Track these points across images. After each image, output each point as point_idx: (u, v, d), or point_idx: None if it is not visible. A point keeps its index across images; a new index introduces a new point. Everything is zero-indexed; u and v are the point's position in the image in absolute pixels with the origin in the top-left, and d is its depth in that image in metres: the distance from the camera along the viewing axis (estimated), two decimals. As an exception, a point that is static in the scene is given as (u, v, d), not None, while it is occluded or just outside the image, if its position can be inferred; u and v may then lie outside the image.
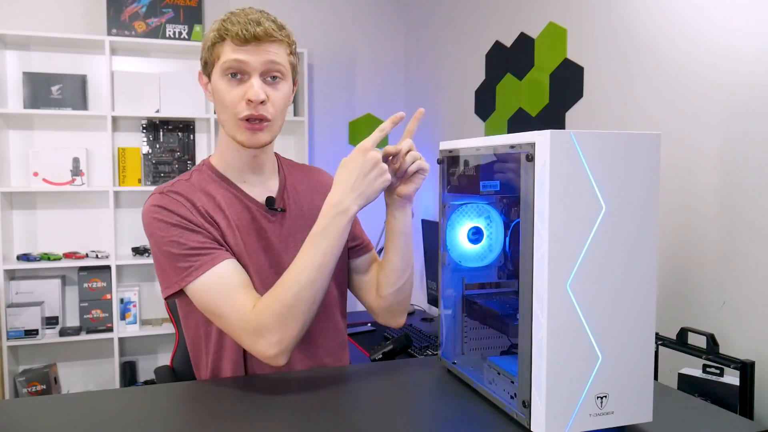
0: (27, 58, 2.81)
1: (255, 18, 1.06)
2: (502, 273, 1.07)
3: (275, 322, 0.99)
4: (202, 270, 1.03)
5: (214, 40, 1.09)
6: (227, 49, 1.07)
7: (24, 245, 2.86)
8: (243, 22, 1.05)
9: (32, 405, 0.94)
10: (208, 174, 1.17)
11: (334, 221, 1.02)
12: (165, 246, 1.05)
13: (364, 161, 1.02)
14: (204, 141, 3.05)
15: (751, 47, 1.34)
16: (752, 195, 1.33)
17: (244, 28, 1.04)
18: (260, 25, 1.05)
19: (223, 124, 1.12)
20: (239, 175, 1.17)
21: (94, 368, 2.97)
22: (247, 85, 1.07)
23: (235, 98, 1.07)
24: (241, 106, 1.07)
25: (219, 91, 1.09)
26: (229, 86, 1.08)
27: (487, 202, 1.04)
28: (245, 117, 1.07)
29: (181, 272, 1.04)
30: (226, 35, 1.06)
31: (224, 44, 1.07)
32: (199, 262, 1.03)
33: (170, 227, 1.06)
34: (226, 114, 1.10)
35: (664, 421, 0.86)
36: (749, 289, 1.34)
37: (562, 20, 1.99)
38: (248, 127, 1.09)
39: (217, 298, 1.02)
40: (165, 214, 1.07)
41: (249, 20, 1.05)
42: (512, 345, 1.03)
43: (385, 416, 0.89)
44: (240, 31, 1.04)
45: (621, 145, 0.79)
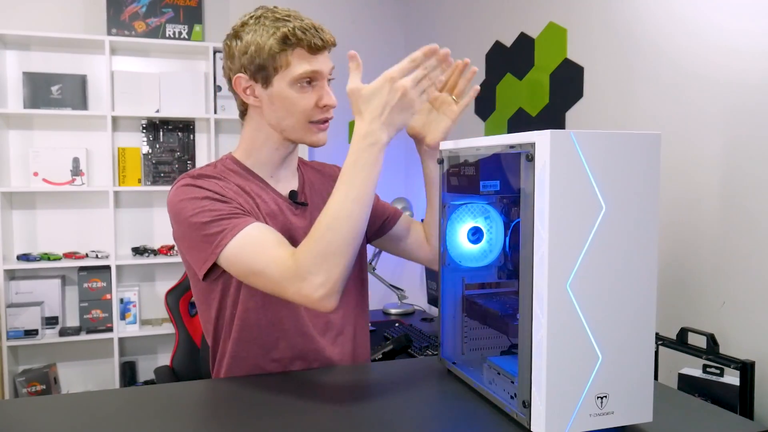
0: (27, 58, 2.81)
1: (313, 23, 1.12)
2: (502, 273, 1.07)
3: (316, 262, 0.96)
4: (236, 230, 1.02)
5: (279, 48, 1.09)
6: (297, 57, 1.10)
7: (24, 245, 2.86)
8: (310, 29, 1.10)
9: (32, 405, 0.94)
10: (233, 167, 1.19)
11: (365, 153, 0.99)
12: (195, 218, 1.05)
13: (392, 90, 0.97)
14: (204, 141, 3.05)
15: (751, 46, 1.34)
16: (753, 195, 1.33)
17: (317, 37, 1.10)
18: (324, 33, 1.12)
19: (288, 128, 1.15)
20: (268, 170, 1.20)
21: (93, 368, 2.97)
22: (320, 91, 1.13)
23: (309, 104, 1.12)
24: (315, 111, 1.13)
25: (289, 98, 1.12)
26: (302, 93, 1.12)
27: (487, 202, 1.04)
28: (320, 120, 1.13)
29: (214, 238, 1.03)
30: (295, 43, 1.09)
31: (293, 52, 1.10)
32: (232, 224, 1.03)
33: (199, 200, 1.06)
34: (295, 119, 1.13)
35: (664, 421, 0.86)
36: (749, 289, 1.34)
37: (562, 20, 1.99)
38: (319, 128, 1.14)
39: (254, 254, 1.01)
40: (194, 191, 1.08)
41: (313, 27, 1.11)
42: (512, 345, 1.03)
43: (385, 416, 0.89)
44: (313, 41, 1.09)
45: (621, 145, 0.79)
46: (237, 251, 1.02)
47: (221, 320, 1.17)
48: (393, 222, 1.37)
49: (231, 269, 1.05)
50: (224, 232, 1.03)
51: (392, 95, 0.97)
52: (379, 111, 0.98)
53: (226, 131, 3.11)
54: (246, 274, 1.04)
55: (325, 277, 0.96)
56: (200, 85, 2.96)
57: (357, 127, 1.01)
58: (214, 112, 2.94)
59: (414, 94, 0.98)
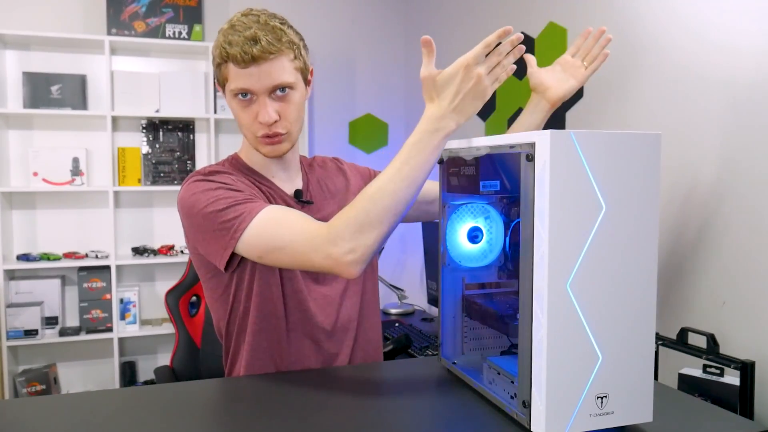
0: (27, 58, 2.81)
1: (251, 35, 1.04)
2: (502, 273, 1.07)
3: (350, 228, 0.95)
4: (254, 212, 1.02)
5: (218, 60, 1.10)
6: (231, 72, 1.08)
7: (24, 245, 2.85)
8: (241, 43, 1.04)
9: (32, 405, 0.94)
10: (239, 166, 1.21)
11: (430, 137, 0.97)
12: (209, 207, 1.04)
13: (466, 78, 0.96)
14: (204, 141, 3.05)
15: (751, 46, 1.33)
16: (753, 195, 1.33)
17: (242, 50, 1.04)
18: (257, 43, 1.04)
19: (245, 136, 1.17)
20: (269, 170, 1.21)
21: (93, 368, 2.97)
22: (258, 105, 1.09)
23: (248, 119, 1.11)
24: (255, 125, 1.11)
25: (233, 109, 1.13)
26: (241, 106, 1.11)
27: (487, 202, 1.04)
28: (262, 135, 1.11)
29: (232, 224, 1.02)
30: (227, 57, 1.07)
31: (228, 66, 1.08)
32: (248, 208, 1.03)
33: (213, 191, 1.07)
34: (244, 130, 1.14)
35: (664, 421, 0.86)
36: (749, 289, 1.34)
37: (562, 20, 1.99)
38: (267, 142, 1.12)
39: (278, 230, 1.00)
40: (207, 185, 1.08)
41: (246, 39, 1.04)
42: (512, 345, 1.03)
43: (385, 416, 0.89)
44: (239, 54, 1.04)
45: (621, 145, 0.79)
46: (258, 231, 1.01)
47: (234, 315, 1.17)
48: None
49: (250, 251, 1.03)
50: (242, 216, 1.02)
51: (466, 83, 0.96)
52: (452, 98, 0.97)
53: (226, 131, 3.11)
54: (266, 251, 1.02)
55: (354, 245, 0.94)
56: (200, 85, 2.96)
57: (428, 111, 0.99)
58: (213, 112, 2.94)
59: (488, 81, 0.97)
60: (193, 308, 1.75)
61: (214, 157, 2.96)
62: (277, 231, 1.01)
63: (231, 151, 2.85)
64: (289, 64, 1.09)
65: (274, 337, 1.15)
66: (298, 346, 1.16)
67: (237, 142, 3.11)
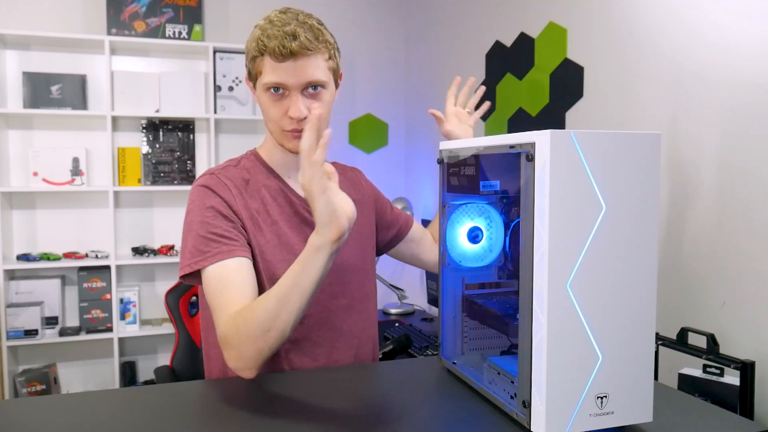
0: (27, 58, 2.81)
1: (291, 30, 1.06)
2: (502, 273, 1.07)
3: (233, 340, 0.99)
4: (215, 259, 1.05)
5: (254, 54, 1.10)
6: (267, 65, 1.09)
7: (24, 245, 2.86)
8: (280, 36, 1.05)
9: (32, 405, 0.94)
10: (257, 163, 1.22)
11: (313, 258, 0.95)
12: (195, 224, 1.10)
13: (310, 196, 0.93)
14: (204, 141, 3.05)
15: (751, 46, 1.33)
16: (753, 195, 1.33)
17: (281, 44, 1.05)
18: (296, 39, 1.05)
19: (271, 131, 1.17)
20: (286, 171, 1.22)
21: (93, 368, 2.97)
22: (289, 101, 1.10)
23: (278, 113, 1.12)
24: (285, 120, 1.11)
25: (263, 103, 1.13)
26: (272, 101, 1.11)
27: (487, 202, 1.04)
28: (291, 129, 1.12)
29: (198, 255, 1.07)
30: (264, 51, 1.08)
31: (264, 59, 1.09)
32: (217, 249, 1.06)
33: (206, 209, 1.10)
34: (271, 125, 1.15)
35: (664, 421, 0.86)
36: (749, 289, 1.34)
37: (562, 20, 1.99)
38: (295, 136, 1.12)
39: (215, 291, 1.05)
40: (208, 195, 1.12)
41: (285, 34, 1.05)
42: (512, 345, 1.03)
43: (385, 416, 0.89)
44: (277, 48, 1.05)
45: (621, 145, 0.79)
46: (207, 279, 1.06)
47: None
48: (404, 232, 1.40)
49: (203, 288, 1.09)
50: (208, 254, 1.06)
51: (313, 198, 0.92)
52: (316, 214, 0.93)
53: (226, 131, 3.11)
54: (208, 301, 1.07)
55: (237, 353, 0.99)
56: (200, 85, 2.96)
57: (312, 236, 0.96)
58: (214, 111, 2.94)
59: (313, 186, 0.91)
60: (193, 308, 1.75)
61: (214, 157, 2.96)
62: (216, 289, 1.05)
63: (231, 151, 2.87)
64: (324, 63, 1.11)
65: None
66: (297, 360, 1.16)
67: (237, 142, 3.12)
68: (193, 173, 3.01)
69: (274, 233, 1.15)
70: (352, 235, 1.25)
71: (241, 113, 3.00)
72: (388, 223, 1.38)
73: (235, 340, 0.99)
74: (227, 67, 2.96)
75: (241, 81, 2.98)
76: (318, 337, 1.18)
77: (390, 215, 1.39)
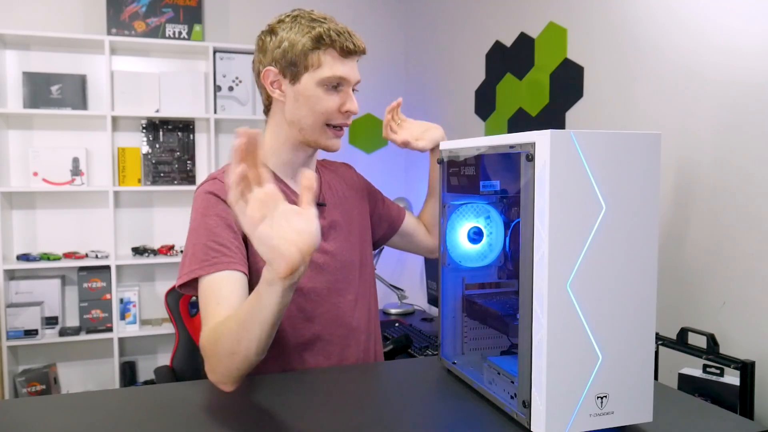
0: (27, 58, 2.81)
1: (345, 28, 1.12)
2: (502, 273, 1.07)
3: (208, 351, 0.96)
4: (213, 269, 1.05)
5: (312, 46, 1.11)
6: (329, 59, 1.11)
7: (24, 245, 2.86)
8: (344, 34, 1.11)
9: (32, 405, 0.94)
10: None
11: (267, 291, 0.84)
12: (195, 232, 1.09)
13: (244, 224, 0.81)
14: (204, 141, 3.05)
15: (751, 46, 1.33)
16: (753, 194, 1.33)
17: (350, 41, 1.11)
18: (355, 39, 1.13)
19: (305, 127, 1.15)
20: (289, 172, 1.21)
21: (93, 368, 2.97)
22: (344, 96, 1.14)
23: (332, 106, 1.13)
24: (335, 114, 1.14)
25: (314, 96, 1.13)
26: (327, 94, 1.13)
27: (487, 202, 1.04)
28: (339, 124, 1.15)
29: (196, 263, 1.06)
30: (328, 44, 1.10)
31: (326, 53, 1.11)
32: (216, 259, 1.05)
33: (211, 216, 1.10)
34: (314, 118, 1.14)
35: (664, 421, 0.86)
36: (749, 289, 1.34)
37: (562, 20, 1.99)
38: (335, 133, 1.16)
39: (205, 301, 1.04)
40: (213, 201, 1.11)
41: (346, 31, 1.11)
42: (512, 345, 1.03)
43: (385, 416, 0.89)
44: (345, 45, 1.10)
45: (621, 145, 0.79)
46: (202, 288, 1.05)
47: None
48: (397, 225, 1.42)
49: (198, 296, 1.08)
50: (206, 263, 1.05)
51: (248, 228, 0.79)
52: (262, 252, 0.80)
53: (226, 131, 3.11)
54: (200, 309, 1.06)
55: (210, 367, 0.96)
56: (200, 85, 2.96)
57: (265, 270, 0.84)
58: (214, 112, 2.94)
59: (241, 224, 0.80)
60: (193, 308, 1.75)
61: (214, 157, 2.96)
62: (206, 300, 1.04)
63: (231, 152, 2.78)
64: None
65: (279, 349, 1.15)
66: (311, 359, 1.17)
67: (237, 142, 3.12)
68: (193, 173, 3.01)
69: None
70: (352, 230, 1.25)
71: (241, 113, 3.00)
72: (380, 216, 1.38)
73: (209, 352, 0.96)
74: (227, 67, 2.96)
75: (241, 81, 2.98)
76: (330, 335, 1.18)
77: (382, 209, 1.40)
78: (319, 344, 1.17)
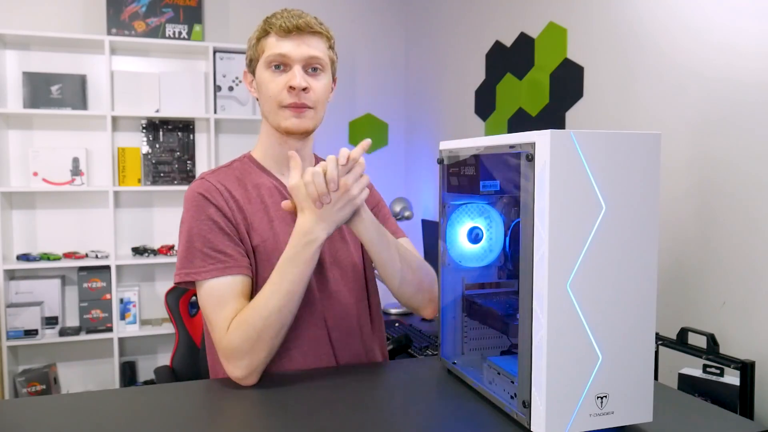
0: (27, 58, 2.81)
1: (297, 13, 1.14)
2: (502, 273, 1.07)
3: (243, 346, 1.01)
4: (212, 274, 1.07)
5: (258, 36, 1.16)
6: (271, 41, 1.14)
7: (24, 245, 2.85)
8: (286, 16, 1.13)
9: (32, 405, 0.94)
10: (250, 165, 1.23)
11: (303, 249, 1.02)
12: (192, 235, 1.10)
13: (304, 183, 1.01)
14: (204, 141, 3.05)
15: (751, 45, 1.34)
16: (753, 194, 1.33)
17: (287, 20, 1.12)
18: (302, 18, 1.13)
19: (267, 114, 1.18)
20: (279, 167, 1.22)
21: (93, 368, 2.97)
22: (290, 75, 1.13)
23: (277, 87, 1.14)
24: (284, 94, 1.14)
25: (263, 81, 1.16)
26: (273, 76, 1.14)
27: (487, 202, 1.04)
28: (288, 104, 1.14)
29: (192, 267, 1.09)
30: (270, 29, 1.13)
31: (268, 38, 1.14)
32: (212, 266, 1.08)
33: (202, 220, 1.11)
34: (269, 104, 1.16)
35: (664, 421, 0.86)
36: (749, 289, 1.34)
37: (562, 20, 1.99)
38: (291, 113, 1.14)
39: (210, 307, 1.07)
40: (202, 204, 1.12)
41: (291, 14, 1.13)
42: (512, 345, 1.03)
43: (386, 416, 0.89)
44: (283, 23, 1.11)
45: (621, 145, 0.79)
46: (204, 293, 1.08)
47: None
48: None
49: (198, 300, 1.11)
50: (202, 269, 1.07)
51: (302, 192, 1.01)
52: (321, 209, 1.01)
53: (226, 131, 3.11)
54: (203, 313, 1.10)
55: (249, 361, 1.02)
56: (200, 85, 2.96)
57: (298, 223, 1.03)
58: (213, 111, 2.94)
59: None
60: (193, 308, 1.75)
61: (214, 157, 2.96)
62: (211, 305, 1.07)
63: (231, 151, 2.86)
64: (325, 47, 1.17)
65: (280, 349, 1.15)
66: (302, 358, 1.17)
67: (237, 142, 3.12)
68: (193, 173, 3.01)
69: (270, 231, 1.15)
70: (348, 230, 1.25)
71: (241, 113, 3.00)
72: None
73: (245, 347, 1.01)
74: (227, 67, 2.96)
75: (241, 81, 2.98)
76: (332, 335, 1.18)
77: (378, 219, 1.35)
78: (319, 345, 1.17)
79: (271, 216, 1.16)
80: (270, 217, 1.16)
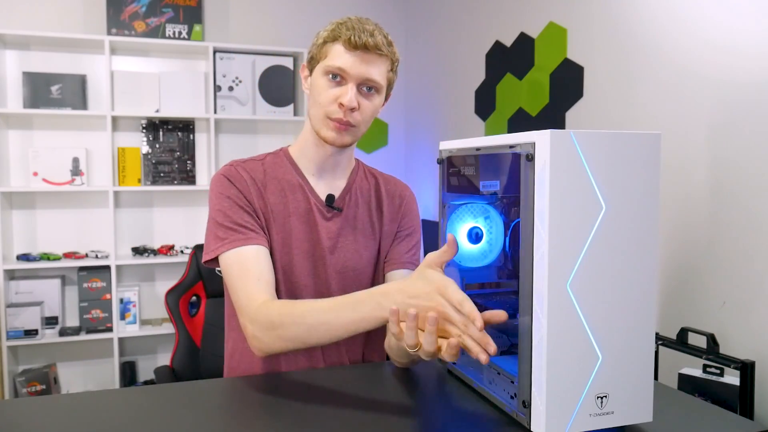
0: (27, 58, 2.81)
1: (370, 29, 1.11)
2: (502, 273, 1.06)
3: (266, 331, 1.02)
4: (233, 245, 1.10)
5: (326, 39, 1.14)
6: (335, 50, 1.12)
7: (24, 245, 2.86)
8: (358, 29, 1.10)
9: (32, 405, 0.94)
10: (282, 159, 1.24)
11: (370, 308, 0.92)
12: (214, 213, 1.15)
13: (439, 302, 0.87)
14: (204, 141, 3.05)
15: (751, 46, 1.34)
16: (753, 194, 1.33)
17: (357, 34, 1.09)
18: (372, 36, 1.10)
19: (312, 117, 1.18)
20: (311, 167, 1.23)
21: (93, 368, 2.97)
22: (343, 90, 1.12)
23: (329, 98, 1.13)
24: (333, 107, 1.13)
25: (317, 86, 1.15)
26: (327, 86, 1.13)
27: (487, 202, 1.04)
28: (335, 119, 1.13)
29: (217, 241, 1.12)
30: (339, 37, 1.11)
31: (334, 45, 1.12)
32: (234, 237, 1.11)
33: (224, 198, 1.15)
34: (317, 110, 1.15)
35: (664, 421, 0.86)
36: (749, 289, 1.34)
37: (562, 20, 1.99)
38: (335, 126, 1.14)
39: (235, 276, 1.09)
40: (225, 185, 1.16)
41: (364, 29, 1.11)
42: (512, 345, 1.03)
43: (386, 416, 0.89)
44: (352, 37, 1.09)
45: (621, 145, 0.79)
46: (227, 263, 1.11)
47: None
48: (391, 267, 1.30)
49: (222, 273, 1.14)
50: (226, 241, 1.11)
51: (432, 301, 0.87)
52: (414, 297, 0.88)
53: (226, 131, 3.11)
54: (226, 284, 1.12)
55: (266, 345, 1.02)
56: (200, 85, 2.96)
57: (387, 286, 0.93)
58: (213, 111, 2.94)
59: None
60: (193, 308, 1.75)
61: (214, 157, 2.96)
62: (236, 275, 1.09)
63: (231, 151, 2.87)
64: (385, 70, 1.15)
65: None
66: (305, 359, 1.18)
67: (237, 142, 3.12)
68: (193, 173, 3.01)
69: (287, 228, 1.17)
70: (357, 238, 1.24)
71: (241, 113, 3.00)
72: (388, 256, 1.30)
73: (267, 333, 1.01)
74: (227, 67, 2.96)
75: (241, 81, 2.98)
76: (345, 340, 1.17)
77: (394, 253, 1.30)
78: (322, 347, 1.18)
79: (290, 211, 1.18)
80: (288, 211, 1.18)
